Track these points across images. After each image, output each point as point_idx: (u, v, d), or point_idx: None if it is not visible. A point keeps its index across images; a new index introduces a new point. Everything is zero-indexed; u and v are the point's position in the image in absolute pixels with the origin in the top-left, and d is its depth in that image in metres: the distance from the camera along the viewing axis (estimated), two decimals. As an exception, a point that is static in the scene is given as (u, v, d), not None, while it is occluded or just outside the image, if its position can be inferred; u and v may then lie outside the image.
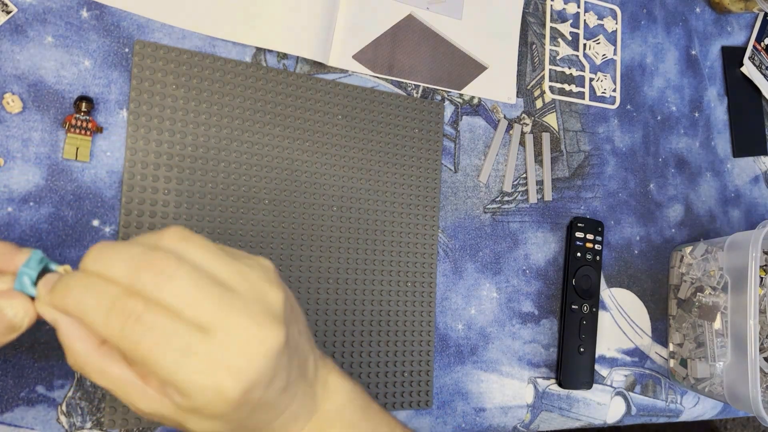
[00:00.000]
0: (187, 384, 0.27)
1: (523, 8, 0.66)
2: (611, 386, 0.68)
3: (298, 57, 0.55)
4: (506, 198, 0.64)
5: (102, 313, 0.27)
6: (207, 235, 0.49)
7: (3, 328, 0.29)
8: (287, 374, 0.32)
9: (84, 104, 0.46)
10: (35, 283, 0.30)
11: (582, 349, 0.64)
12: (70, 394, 0.45)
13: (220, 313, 0.28)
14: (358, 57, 0.57)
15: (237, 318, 0.28)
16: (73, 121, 0.45)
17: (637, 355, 0.70)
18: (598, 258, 0.66)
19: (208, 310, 0.28)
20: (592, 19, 0.70)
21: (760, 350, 0.66)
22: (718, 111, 0.79)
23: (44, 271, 0.31)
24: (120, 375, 0.29)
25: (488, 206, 0.62)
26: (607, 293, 0.69)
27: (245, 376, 0.28)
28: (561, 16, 0.69)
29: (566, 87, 0.68)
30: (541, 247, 0.65)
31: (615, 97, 0.71)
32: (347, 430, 0.37)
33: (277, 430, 0.34)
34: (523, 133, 0.65)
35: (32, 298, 0.30)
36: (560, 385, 0.64)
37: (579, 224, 0.65)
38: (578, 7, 0.70)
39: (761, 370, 0.65)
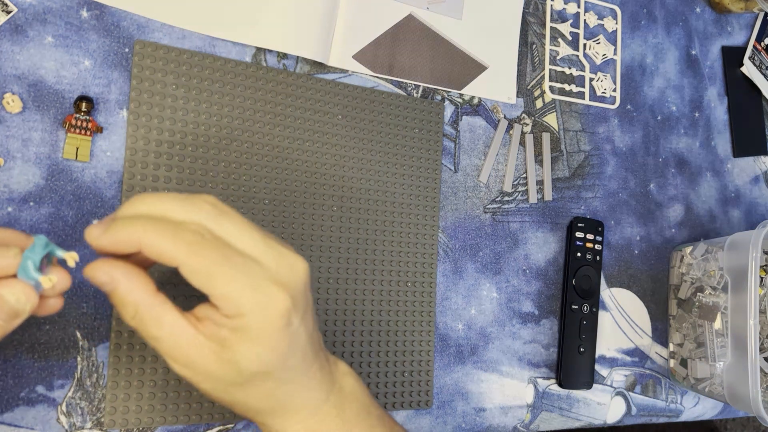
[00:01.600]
0: (242, 298, 0.31)
1: (523, 8, 0.66)
2: (611, 386, 0.68)
3: (298, 57, 0.55)
4: (506, 198, 0.63)
5: (169, 234, 0.30)
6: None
7: (5, 315, 0.30)
8: (312, 327, 0.36)
9: (84, 104, 0.46)
10: (39, 269, 0.30)
11: (582, 349, 0.64)
12: (70, 394, 0.45)
13: (265, 245, 0.33)
14: (358, 57, 0.57)
15: (279, 249, 0.33)
16: (73, 121, 0.45)
17: (637, 355, 0.70)
18: (598, 258, 0.66)
19: (256, 242, 0.32)
20: (592, 19, 0.70)
21: (760, 350, 0.66)
22: (718, 111, 0.79)
23: (48, 259, 0.31)
24: (173, 321, 0.32)
25: (488, 206, 0.62)
26: (607, 293, 0.69)
27: (291, 290, 0.32)
28: (561, 16, 0.69)
29: (566, 87, 0.68)
30: (541, 247, 0.65)
31: (615, 97, 0.71)
32: (361, 410, 0.39)
33: (303, 394, 0.36)
34: (523, 133, 0.65)
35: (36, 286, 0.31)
36: (560, 385, 0.64)
37: (579, 224, 0.65)
38: (578, 7, 0.70)
39: (761, 370, 0.65)
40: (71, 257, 0.32)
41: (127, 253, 0.32)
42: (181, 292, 0.47)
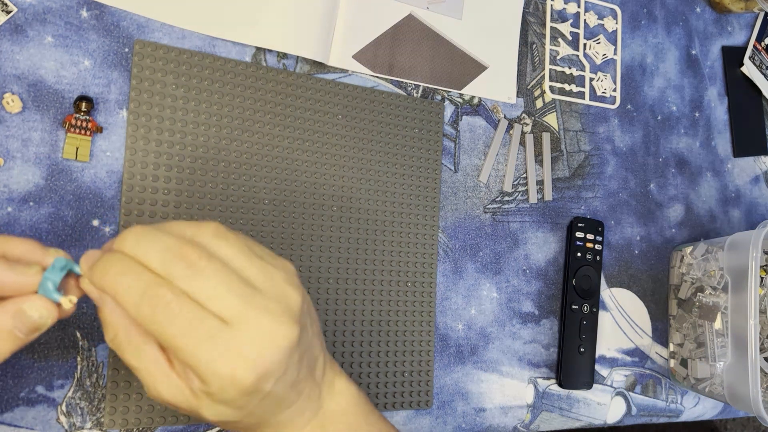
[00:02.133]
0: (205, 369, 0.30)
1: (523, 8, 0.66)
2: (611, 386, 0.68)
3: (298, 57, 0.55)
4: (506, 198, 0.63)
5: (136, 295, 0.30)
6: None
7: (27, 329, 0.31)
8: (297, 371, 0.34)
9: (84, 104, 0.46)
10: (59, 288, 0.31)
11: (582, 349, 0.64)
12: (70, 394, 0.45)
13: (242, 308, 0.30)
14: (358, 57, 0.57)
15: (257, 314, 0.31)
16: (73, 121, 0.45)
17: (638, 355, 0.70)
18: (598, 258, 0.66)
19: (231, 304, 0.30)
20: (592, 19, 0.70)
21: (760, 350, 0.66)
22: (719, 111, 0.79)
23: (68, 274, 0.32)
24: (151, 356, 0.32)
25: (488, 206, 0.62)
26: (607, 293, 0.69)
27: (259, 366, 0.30)
28: (561, 16, 0.69)
29: (566, 87, 0.68)
30: (542, 247, 0.65)
31: (615, 96, 0.71)
32: (349, 428, 0.39)
33: (283, 423, 0.36)
34: (523, 133, 0.65)
35: (57, 304, 0.32)
36: (560, 385, 0.63)
37: (579, 224, 0.65)
38: (578, 6, 0.70)
39: (761, 370, 0.65)
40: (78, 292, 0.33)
41: None
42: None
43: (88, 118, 0.46)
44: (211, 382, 0.30)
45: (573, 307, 0.64)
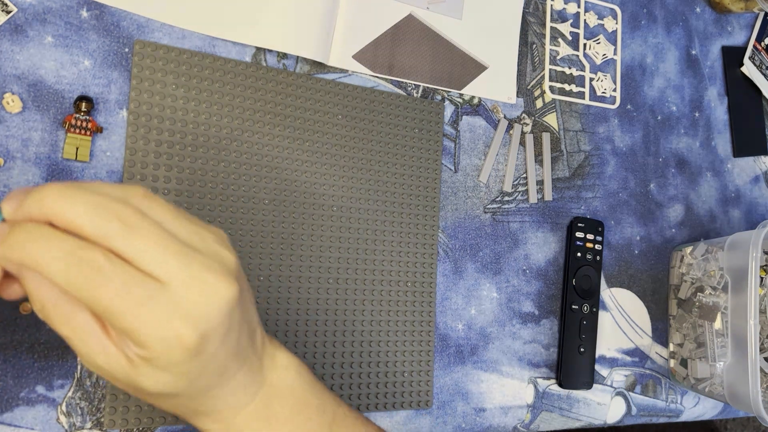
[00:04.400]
0: (145, 333, 0.28)
1: (523, 8, 0.66)
2: (611, 386, 0.68)
3: (298, 57, 0.55)
4: (506, 198, 0.63)
5: (61, 264, 0.27)
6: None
7: None
8: (238, 335, 0.33)
9: (84, 104, 0.46)
10: None
11: (582, 349, 0.64)
12: (70, 394, 0.45)
13: (179, 266, 0.29)
14: (358, 57, 0.57)
15: (195, 271, 0.29)
16: (73, 121, 0.45)
17: (638, 355, 0.70)
18: (598, 258, 0.66)
19: (168, 263, 0.29)
20: (592, 19, 0.70)
21: (760, 350, 0.66)
22: (718, 111, 0.79)
23: None
24: (83, 324, 0.29)
25: (488, 206, 0.62)
26: (607, 293, 0.69)
27: (202, 324, 0.29)
28: (561, 16, 0.69)
29: (566, 87, 0.68)
30: (541, 247, 0.65)
31: (615, 97, 0.71)
32: (295, 405, 0.37)
33: (224, 400, 0.34)
34: (523, 133, 0.65)
35: None
36: (560, 385, 0.63)
37: (579, 224, 0.65)
38: (578, 6, 0.70)
39: (761, 370, 0.65)
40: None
41: None
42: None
43: (88, 118, 0.46)
44: (151, 345, 0.28)
45: (573, 307, 0.64)
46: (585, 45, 0.70)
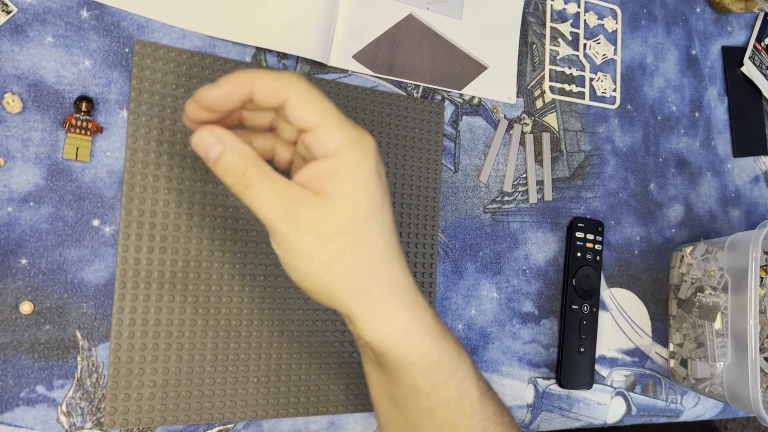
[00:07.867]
0: (339, 132, 0.35)
1: (523, 8, 0.66)
2: (611, 386, 0.68)
3: (298, 57, 0.55)
4: (506, 198, 0.63)
5: (277, 74, 0.35)
6: (208, 235, 0.49)
7: None
8: (390, 217, 0.37)
9: (84, 104, 0.46)
10: None
11: (582, 349, 0.64)
12: (70, 394, 0.45)
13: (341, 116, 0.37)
14: (358, 57, 0.57)
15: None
16: (73, 121, 0.45)
17: (638, 355, 0.70)
18: (598, 258, 0.66)
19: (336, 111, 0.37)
20: (592, 19, 0.70)
21: (760, 350, 0.66)
22: (718, 111, 0.79)
23: None
24: (282, 180, 0.34)
25: (488, 206, 0.62)
26: (607, 293, 0.69)
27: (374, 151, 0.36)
28: (561, 16, 0.69)
29: (566, 87, 0.68)
30: (541, 247, 0.65)
31: (615, 97, 0.71)
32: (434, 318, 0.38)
33: (392, 279, 0.36)
34: (523, 133, 0.65)
35: None
36: (560, 385, 0.64)
37: (579, 224, 0.65)
38: (578, 6, 0.70)
39: (761, 370, 0.65)
40: None
41: (229, 110, 0.36)
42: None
43: (88, 118, 0.46)
44: (342, 147, 0.34)
45: (573, 307, 0.64)
46: (585, 45, 0.70)
